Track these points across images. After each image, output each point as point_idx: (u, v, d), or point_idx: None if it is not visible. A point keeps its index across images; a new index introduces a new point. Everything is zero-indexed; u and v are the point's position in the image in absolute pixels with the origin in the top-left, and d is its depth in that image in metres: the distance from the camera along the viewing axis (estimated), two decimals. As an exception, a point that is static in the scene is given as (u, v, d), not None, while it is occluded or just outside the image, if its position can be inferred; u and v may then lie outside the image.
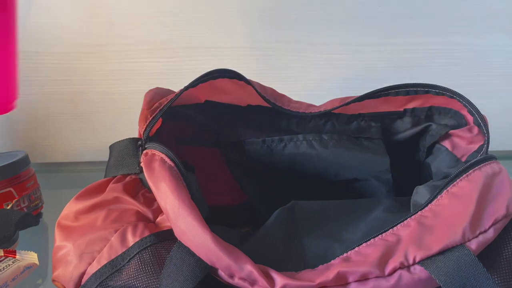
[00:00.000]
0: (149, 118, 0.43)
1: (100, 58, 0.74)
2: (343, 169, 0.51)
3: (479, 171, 0.37)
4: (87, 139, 0.79)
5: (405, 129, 0.50)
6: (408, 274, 0.33)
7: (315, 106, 0.51)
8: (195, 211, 0.35)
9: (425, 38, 0.73)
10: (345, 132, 0.51)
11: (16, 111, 0.78)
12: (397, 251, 0.34)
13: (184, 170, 0.39)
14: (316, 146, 0.51)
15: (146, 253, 0.36)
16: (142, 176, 0.42)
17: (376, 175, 0.50)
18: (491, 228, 0.34)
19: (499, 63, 0.75)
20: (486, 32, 0.73)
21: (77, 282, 0.37)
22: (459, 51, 0.74)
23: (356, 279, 0.33)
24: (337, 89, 0.75)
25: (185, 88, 0.45)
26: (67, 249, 0.38)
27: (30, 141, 0.79)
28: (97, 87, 0.76)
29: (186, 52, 0.74)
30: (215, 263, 0.34)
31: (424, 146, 0.49)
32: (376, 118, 0.51)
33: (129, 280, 0.35)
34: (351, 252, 0.35)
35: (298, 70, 0.75)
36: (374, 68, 0.75)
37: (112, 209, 0.40)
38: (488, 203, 0.35)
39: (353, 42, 0.73)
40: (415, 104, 0.49)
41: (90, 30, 0.73)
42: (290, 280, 0.33)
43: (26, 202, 0.60)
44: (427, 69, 0.75)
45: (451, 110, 0.48)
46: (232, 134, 0.53)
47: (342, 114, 0.51)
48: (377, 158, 0.50)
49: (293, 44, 0.73)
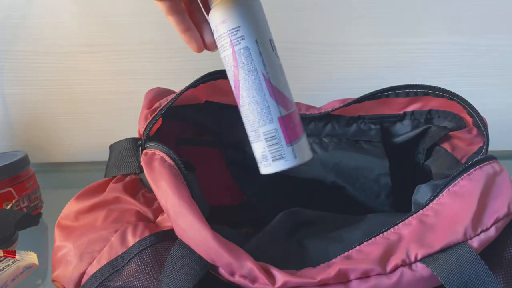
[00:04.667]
0: (149, 118, 0.43)
1: (99, 58, 0.74)
2: (342, 172, 0.51)
3: (480, 170, 0.37)
4: (87, 139, 0.79)
5: (404, 132, 0.50)
6: (410, 272, 0.33)
7: (315, 108, 0.51)
8: (195, 209, 0.35)
9: (425, 38, 0.74)
10: (344, 134, 0.51)
11: (16, 111, 0.78)
12: (398, 249, 0.34)
13: (184, 168, 0.39)
14: (316, 149, 0.51)
15: (146, 253, 0.36)
16: (142, 176, 0.42)
17: (376, 179, 0.50)
18: (492, 227, 0.34)
19: (499, 63, 0.75)
20: (485, 32, 0.73)
21: (77, 282, 0.37)
22: (459, 51, 0.74)
23: (357, 276, 0.33)
24: (337, 89, 0.75)
25: (185, 89, 0.45)
26: (67, 249, 0.38)
27: (30, 141, 0.79)
28: (96, 87, 0.76)
29: (185, 52, 0.73)
30: (216, 260, 0.34)
31: (424, 148, 0.49)
32: (376, 120, 0.51)
33: (129, 280, 0.35)
34: (353, 250, 0.35)
35: (298, 70, 0.75)
36: (373, 68, 0.75)
37: (112, 209, 0.40)
38: (489, 202, 0.35)
39: (353, 42, 0.74)
40: (414, 107, 0.49)
41: (90, 30, 0.73)
42: (291, 277, 0.33)
43: (26, 202, 0.60)
44: (427, 69, 0.75)
45: (451, 113, 0.48)
46: (232, 134, 0.53)
47: (342, 116, 0.51)
48: (377, 161, 0.50)
49: (293, 44, 0.73)
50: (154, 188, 0.38)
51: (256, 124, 0.37)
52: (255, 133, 0.38)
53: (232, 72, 0.37)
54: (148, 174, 0.39)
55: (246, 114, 0.38)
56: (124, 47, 0.74)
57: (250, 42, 0.37)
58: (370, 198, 0.51)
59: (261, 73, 0.37)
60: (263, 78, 0.37)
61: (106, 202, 0.41)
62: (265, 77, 0.38)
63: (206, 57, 0.74)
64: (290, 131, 0.38)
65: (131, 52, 0.74)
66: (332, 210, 0.49)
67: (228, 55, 0.37)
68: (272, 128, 0.37)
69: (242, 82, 0.37)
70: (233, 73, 0.37)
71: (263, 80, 0.37)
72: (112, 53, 0.74)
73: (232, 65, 0.37)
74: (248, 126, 0.38)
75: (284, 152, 0.38)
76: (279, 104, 0.38)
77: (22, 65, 0.75)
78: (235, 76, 0.37)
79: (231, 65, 0.37)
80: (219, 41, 0.38)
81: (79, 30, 0.73)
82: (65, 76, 0.76)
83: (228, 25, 0.37)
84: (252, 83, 0.37)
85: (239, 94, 0.38)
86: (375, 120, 0.51)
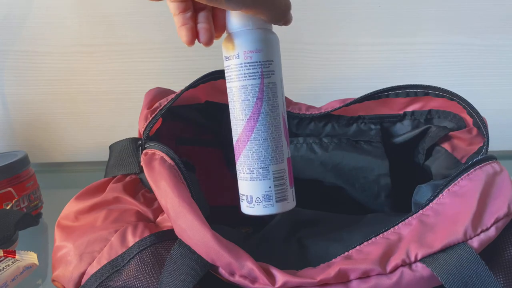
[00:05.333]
0: (149, 118, 0.43)
1: (99, 58, 0.74)
2: (342, 173, 0.51)
3: (480, 170, 0.37)
4: (87, 139, 0.79)
5: (404, 132, 0.50)
6: (410, 272, 0.33)
7: (315, 108, 0.51)
8: (195, 209, 0.35)
9: (425, 38, 0.74)
10: (344, 134, 0.51)
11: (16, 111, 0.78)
12: (398, 249, 0.34)
13: (184, 168, 0.39)
14: (316, 149, 0.51)
15: (146, 253, 0.36)
16: (142, 176, 0.42)
17: (376, 179, 0.50)
18: (492, 227, 0.34)
19: (499, 63, 0.75)
20: (485, 32, 0.73)
21: (77, 282, 0.37)
22: (459, 51, 0.74)
23: (357, 276, 0.33)
24: (337, 89, 0.75)
25: (185, 89, 0.45)
26: (67, 249, 0.38)
27: (30, 141, 0.79)
28: (97, 87, 0.76)
29: (185, 52, 0.74)
30: (216, 260, 0.34)
31: (424, 148, 0.49)
32: (376, 120, 0.51)
33: (129, 280, 0.35)
34: (353, 250, 0.35)
35: (298, 70, 0.75)
36: (373, 68, 0.75)
37: (112, 209, 0.40)
38: (489, 202, 0.35)
39: (353, 42, 0.74)
40: (414, 107, 0.49)
41: (90, 30, 0.73)
42: (291, 277, 0.33)
43: (25, 202, 0.60)
44: (426, 69, 0.75)
45: (451, 113, 0.48)
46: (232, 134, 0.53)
47: (342, 116, 0.51)
48: (377, 162, 0.49)
49: (293, 44, 0.73)
50: (154, 188, 0.38)
51: (267, 161, 0.37)
52: (263, 171, 0.37)
53: (251, 103, 0.37)
54: (148, 174, 0.39)
55: (256, 149, 0.37)
56: (124, 47, 0.74)
57: (278, 79, 0.37)
58: (370, 199, 0.51)
59: (281, 112, 0.37)
60: (281, 117, 0.37)
61: (106, 202, 0.41)
62: (283, 117, 0.38)
63: (206, 57, 0.74)
64: (291, 174, 0.38)
65: (131, 52, 0.74)
66: (332, 211, 0.49)
67: (254, 85, 0.36)
68: (283, 168, 0.37)
69: (264, 116, 0.37)
70: (254, 105, 0.37)
71: (281, 119, 0.37)
72: (112, 53, 0.74)
73: (255, 97, 0.37)
74: (254, 163, 0.37)
75: (288, 194, 0.38)
76: (288, 146, 0.38)
77: (22, 65, 0.75)
78: (257, 108, 0.37)
79: (253, 96, 0.37)
80: (243, 68, 0.37)
81: (79, 30, 0.73)
82: (65, 76, 0.76)
83: (262, 55, 0.36)
84: (273, 119, 0.37)
85: (254, 126, 0.37)
86: (375, 120, 0.51)
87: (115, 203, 0.41)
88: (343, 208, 0.50)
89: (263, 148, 0.37)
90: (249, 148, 0.38)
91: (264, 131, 0.37)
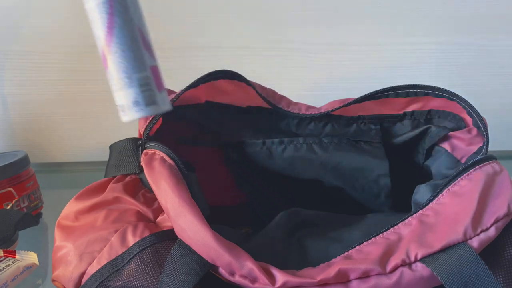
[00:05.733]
0: (149, 118, 0.43)
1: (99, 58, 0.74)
2: (342, 173, 0.51)
3: (479, 170, 0.37)
4: (87, 139, 0.79)
5: (404, 132, 0.50)
6: (410, 272, 0.33)
7: (315, 108, 0.51)
8: (195, 209, 0.35)
9: (425, 38, 0.74)
10: (344, 135, 0.51)
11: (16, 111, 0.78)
12: (398, 249, 0.34)
13: (184, 168, 0.39)
14: (316, 149, 0.51)
15: (146, 253, 0.36)
16: (142, 176, 0.42)
17: (375, 180, 0.50)
18: (492, 227, 0.34)
19: (498, 63, 0.75)
20: (485, 32, 0.73)
21: (77, 282, 0.37)
22: (458, 51, 0.74)
23: (357, 276, 0.33)
24: (337, 89, 0.75)
25: (186, 89, 0.45)
26: (67, 249, 0.38)
27: (30, 141, 0.79)
28: (97, 87, 0.76)
29: (185, 52, 0.74)
30: (216, 260, 0.34)
31: (424, 148, 0.49)
32: (376, 120, 0.51)
33: (129, 280, 0.35)
34: (352, 250, 0.35)
35: (298, 71, 0.75)
36: (373, 68, 0.75)
37: (112, 209, 0.40)
38: (489, 202, 0.35)
39: (353, 42, 0.74)
40: (414, 107, 0.49)
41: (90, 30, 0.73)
42: (291, 277, 0.33)
43: (26, 202, 0.60)
44: (426, 69, 0.75)
45: (450, 113, 0.48)
46: (232, 134, 0.53)
47: (342, 116, 0.51)
48: (377, 162, 0.49)
49: (293, 44, 0.73)
50: (154, 188, 0.38)
51: (129, 70, 0.37)
52: (128, 80, 0.38)
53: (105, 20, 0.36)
54: (148, 174, 0.39)
55: (118, 61, 0.38)
56: (124, 47, 0.74)
57: None
58: (369, 199, 0.51)
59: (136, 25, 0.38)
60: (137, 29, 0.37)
61: (106, 202, 0.41)
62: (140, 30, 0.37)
63: (206, 57, 0.74)
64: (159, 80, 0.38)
65: (131, 52, 0.74)
66: (331, 211, 0.49)
67: (104, 2, 0.37)
68: (146, 75, 0.38)
69: (118, 30, 0.37)
70: (108, 21, 0.37)
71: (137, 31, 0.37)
72: (112, 53, 0.74)
73: (107, 13, 0.37)
74: (118, 74, 0.37)
75: (156, 99, 0.38)
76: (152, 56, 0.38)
77: (22, 65, 0.75)
78: (110, 23, 0.37)
79: (106, 12, 0.37)
80: None
81: (79, 30, 0.73)
82: (65, 76, 0.76)
83: None
84: (128, 32, 0.37)
85: (111, 40, 0.38)
86: (375, 120, 0.51)
87: (115, 203, 0.41)
88: (343, 208, 0.50)
89: (123, 59, 0.37)
90: (112, 61, 0.38)
91: (121, 43, 0.37)
